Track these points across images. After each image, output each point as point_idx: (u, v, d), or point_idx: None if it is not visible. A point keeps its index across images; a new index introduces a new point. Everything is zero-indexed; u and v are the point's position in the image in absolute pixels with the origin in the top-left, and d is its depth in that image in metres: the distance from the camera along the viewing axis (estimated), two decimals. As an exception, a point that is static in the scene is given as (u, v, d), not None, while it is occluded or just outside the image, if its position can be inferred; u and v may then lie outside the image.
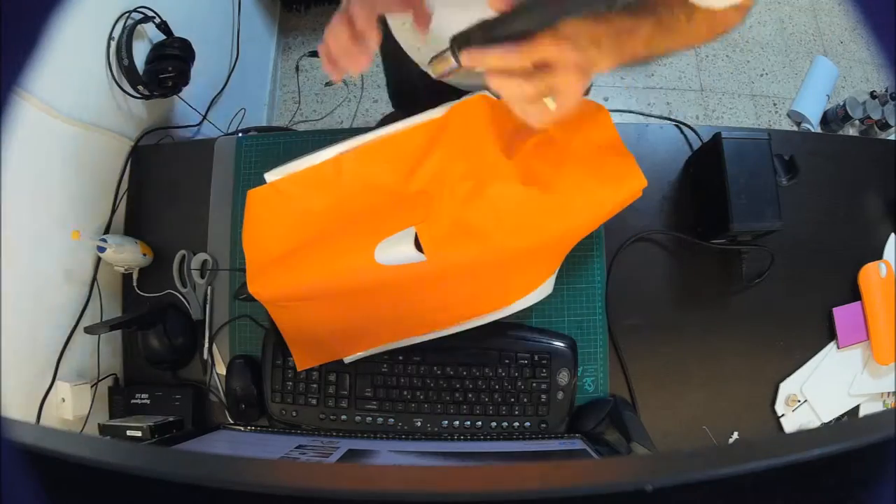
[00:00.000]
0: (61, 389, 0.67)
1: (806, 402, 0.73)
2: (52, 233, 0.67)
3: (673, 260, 0.76)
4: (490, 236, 0.59)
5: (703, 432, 0.72)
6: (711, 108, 1.72)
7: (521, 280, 0.66)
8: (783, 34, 1.85)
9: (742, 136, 0.69)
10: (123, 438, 0.66)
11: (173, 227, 0.77)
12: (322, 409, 0.69)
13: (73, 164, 0.71)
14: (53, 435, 0.19)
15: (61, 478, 0.17)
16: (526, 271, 0.65)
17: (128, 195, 0.79)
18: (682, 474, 0.16)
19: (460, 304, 0.66)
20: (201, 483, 0.16)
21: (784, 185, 0.65)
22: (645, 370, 0.73)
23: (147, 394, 0.72)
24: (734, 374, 0.74)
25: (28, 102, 0.62)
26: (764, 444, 0.17)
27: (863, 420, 0.40)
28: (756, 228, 0.68)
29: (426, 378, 0.69)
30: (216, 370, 0.74)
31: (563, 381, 0.69)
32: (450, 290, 0.63)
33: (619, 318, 0.74)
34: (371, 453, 0.60)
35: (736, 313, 0.75)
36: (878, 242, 0.77)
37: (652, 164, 0.77)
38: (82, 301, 0.72)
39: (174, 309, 0.74)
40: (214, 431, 0.69)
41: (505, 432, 0.68)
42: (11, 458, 0.17)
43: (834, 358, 0.74)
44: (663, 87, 1.77)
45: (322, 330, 0.65)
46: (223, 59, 1.20)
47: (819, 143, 0.82)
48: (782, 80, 1.80)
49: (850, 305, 0.75)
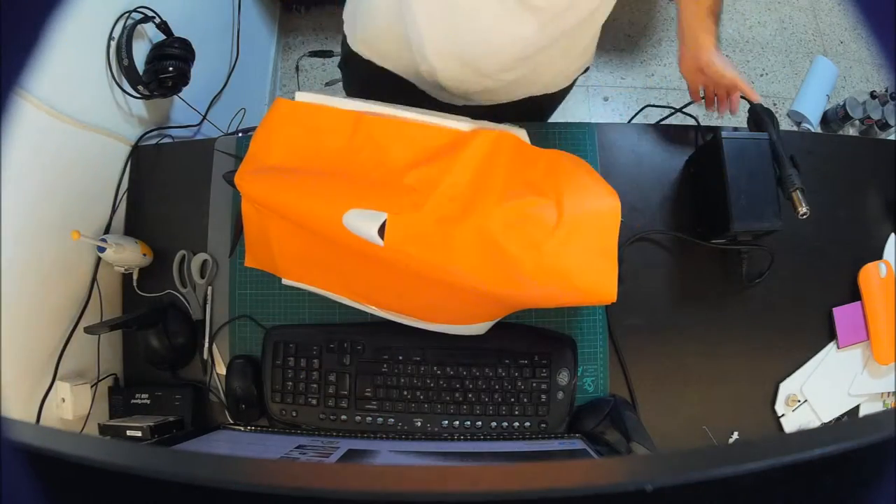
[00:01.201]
0: (61, 389, 0.67)
1: (806, 402, 0.73)
2: (52, 233, 0.67)
3: (673, 260, 0.76)
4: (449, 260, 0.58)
5: (703, 432, 0.72)
6: (711, 108, 1.72)
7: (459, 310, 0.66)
8: (783, 34, 1.85)
9: (742, 136, 0.69)
10: (123, 438, 0.66)
11: (173, 227, 0.77)
12: (322, 409, 0.69)
13: (72, 163, 0.71)
14: (53, 435, 0.19)
15: (61, 478, 0.17)
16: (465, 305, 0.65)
17: (128, 195, 0.79)
18: (682, 474, 0.16)
19: (404, 297, 0.67)
20: (201, 483, 0.16)
21: (798, 186, 0.65)
22: (645, 370, 0.73)
23: (147, 394, 0.72)
24: (734, 374, 0.74)
25: (28, 102, 0.62)
26: (764, 444, 0.17)
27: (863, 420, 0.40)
28: (756, 228, 0.68)
29: (426, 378, 0.69)
30: (216, 370, 0.74)
31: (563, 381, 0.69)
32: (396, 279, 0.64)
33: (619, 318, 0.74)
34: (371, 453, 0.60)
35: (736, 313, 0.75)
36: (878, 242, 0.77)
37: (652, 164, 0.77)
38: (82, 301, 0.72)
39: (174, 309, 0.74)
40: (214, 431, 0.69)
41: (505, 432, 0.68)
42: (11, 458, 0.17)
43: (834, 358, 0.74)
44: (663, 87, 1.77)
45: (278, 245, 0.68)
46: (223, 59, 1.20)
47: (819, 143, 0.82)
48: (782, 80, 1.80)
49: (850, 305, 0.75)
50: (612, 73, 1.77)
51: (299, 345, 0.70)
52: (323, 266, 0.68)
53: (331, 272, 0.69)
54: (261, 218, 0.68)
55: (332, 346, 0.70)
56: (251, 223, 0.69)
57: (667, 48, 1.80)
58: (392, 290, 0.67)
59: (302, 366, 0.70)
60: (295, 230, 0.63)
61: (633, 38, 1.80)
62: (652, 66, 1.78)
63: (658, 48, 1.80)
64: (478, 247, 0.58)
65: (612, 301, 0.58)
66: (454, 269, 0.59)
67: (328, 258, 0.65)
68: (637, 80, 1.77)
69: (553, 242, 0.58)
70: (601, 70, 1.77)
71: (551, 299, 0.62)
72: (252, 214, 0.69)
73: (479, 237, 0.58)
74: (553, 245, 0.58)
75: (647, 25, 1.81)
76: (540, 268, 0.58)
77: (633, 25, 1.81)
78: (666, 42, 1.81)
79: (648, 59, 1.79)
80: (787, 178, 0.66)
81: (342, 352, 0.70)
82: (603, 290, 0.59)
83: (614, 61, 1.78)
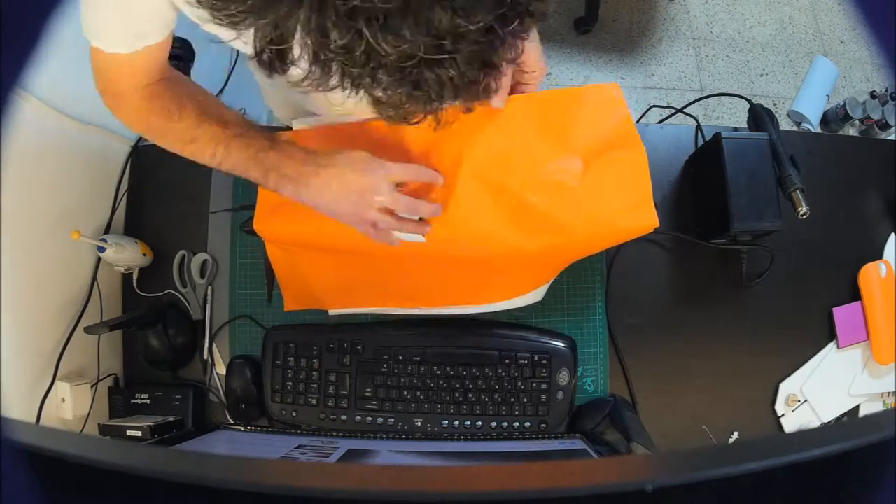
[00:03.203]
0: (61, 389, 0.67)
1: (806, 402, 0.73)
2: (52, 233, 0.67)
3: (673, 260, 0.76)
4: (490, 236, 0.59)
5: (703, 432, 0.72)
6: (711, 108, 1.72)
7: (516, 280, 0.66)
8: (783, 34, 1.85)
9: (742, 136, 0.69)
10: (123, 438, 0.66)
11: (173, 227, 0.77)
12: (322, 409, 0.69)
13: (73, 163, 0.71)
14: (53, 435, 0.19)
15: (61, 478, 0.17)
16: (523, 273, 0.65)
17: (128, 195, 0.79)
18: (682, 474, 0.16)
19: (453, 286, 0.66)
20: (201, 483, 0.16)
21: (798, 186, 0.65)
22: (645, 370, 0.73)
23: (147, 394, 0.72)
24: (734, 374, 0.74)
25: (28, 102, 0.62)
26: (764, 444, 0.17)
27: (863, 420, 0.40)
28: (756, 228, 0.68)
29: (426, 378, 0.69)
30: (216, 370, 0.74)
31: (563, 381, 0.69)
32: (445, 271, 0.64)
33: (619, 318, 0.74)
34: (371, 453, 0.60)
35: (736, 313, 0.75)
36: (878, 242, 0.77)
37: (652, 164, 0.77)
38: (82, 301, 0.71)
39: (174, 309, 0.74)
40: (214, 431, 0.69)
41: (505, 432, 0.68)
42: (11, 458, 0.17)
43: (834, 358, 0.74)
44: (663, 87, 1.77)
45: (315, 279, 0.67)
46: (223, 59, 1.20)
47: (819, 143, 0.82)
48: (782, 80, 1.80)
49: (850, 305, 0.75)
50: (612, 73, 1.77)
51: (299, 345, 0.70)
52: (366, 284, 0.67)
53: (375, 287, 0.68)
54: (289, 257, 0.66)
55: (332, 346, 0.70)
56: (281, 265, 0.68)
57: (667, 48, 1.80)
58: (440, 283, 0.66)
59: (302, 366, 0.70)
60: (328, 258, 0.62)
61: (633, 38, 1.80)
62: (652, 66, 1.78)
63: (658, 48, 1.80)
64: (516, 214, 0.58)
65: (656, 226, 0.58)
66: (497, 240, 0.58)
67: (369, 274, 0.64)
68: (637, 80, 1.77)
69: (584, 190, 0.58)
70: (601, 70, 1.77)
71: (596, 243, 0.62)
72: (280, 257, 0.67)
73: (514, 205, 0.58)
74: (584, 192, 0.58)
75: (647, 25, 1.81)
76: (577, 216, 0.58)
77: (633, 25, 1.81)
78: (666, 42, 1.81)
79: (648, 59, 1.79)
80: (787, 178, 0.66)
81: (342, 352, 0.70)
82: (643, 222, 0.59)
83: (614, 61, 1.78)
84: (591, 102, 0.62)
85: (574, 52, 1.77)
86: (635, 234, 0.60)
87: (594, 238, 0.61)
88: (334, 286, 0.68)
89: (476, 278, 0.65)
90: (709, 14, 1.84)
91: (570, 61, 1.76)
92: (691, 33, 1.82)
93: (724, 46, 1.82)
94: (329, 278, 0.67)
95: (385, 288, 0.68)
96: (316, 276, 0.66)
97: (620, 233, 0.60)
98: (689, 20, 1.83)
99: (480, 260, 0.61)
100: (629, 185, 0.59)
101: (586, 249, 0.64)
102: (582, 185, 0.58)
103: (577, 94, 0.62)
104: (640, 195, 0.59)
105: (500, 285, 0.66)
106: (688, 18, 1.83)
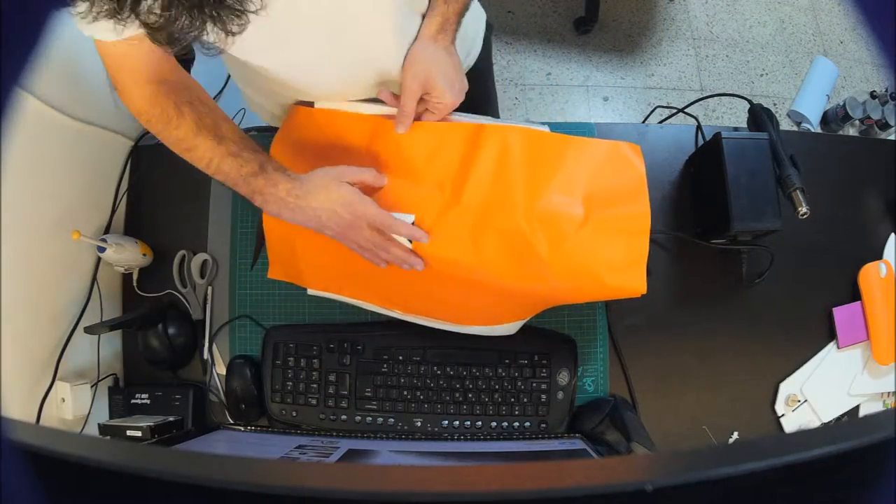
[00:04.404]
0: (61, 389, 0.67)
1: (806, 402, 0.73)
2: (52, 233, 0.67)
3: (673, 260, 0.76)
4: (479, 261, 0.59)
5: (703, 432, 0.72)
6: (711, 108, 1.72)
7: (493, 310, 0.66)
8: (783, 34, 1.85)
9: (742, 136, 0.69)
10: (123, 438, 0.66)
11: (173, 227, 0.77)
12: (322, 409, 0.69)
13: (73, 163, 0.71)
14: (53, 435, 0.19)
15: (61, 478, 0.17)
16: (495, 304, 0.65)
17: (128, 195, 0.79)
18: (682, 474, 0.16)
19: (432, 300, 0.67)
20: (201, 483, 0.16)
21: (798, 185, 0.65)
22: (645, 370, 0.73)
23: (147, 394, 0.72)
24: (734, 374, 0.74)
25: (28, 102, 0.62)
26: (764, 444, 0.17)
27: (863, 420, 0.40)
28: (756, 228, 0.68)
29: (426, 378, 0.69)
30: (216, 370, 0.74)
31: (563, 381, 0.69)
32: (425, 282, 0.64)
33: (619, 318, 0.74)
34: (371, 453, 0.60)
35: (736, 313, 0.75)
36: (878, 242, 0.77)
37: (652, 164, 0.77)
38: (82, 301, 0.72)
39: (174, 309, 0.74)
40: (214, 431, 0.69)
41: (505, 432, 0.68)
42: (11, 458, 0.17)
43: (834, 358, 0.74)
44: (663, 87, 1.77)
45: (303, 254, 0.67)
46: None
47: (819, 143, 0.82)
48: (782, 80, 1.80)
49: (850, 305, 0.75)
50: (612, 73, 1.77)
51: (299, 345, 0.70)
52: (351, 274, 0.67)
53: (359, 280, 0.68)
54: (284, 229, 0.66)
55: (332, 346, 0.70)
56: (274, 235, 0.68)
57: (667, 48, 1.80)
58: (421, 293, 0.66)
59: (302, 366, 0.70)
60: (321, 240, 0.62)
61: (633, 38, 1.80)
62: (652, 66, 1.78)
63: (658, 48, 1.80)
64: (506, 246, 0.58)
65: (643, 293, 0.59)
66: (483, 269, 0.59)
67: (355, 266, 0.64)
68: (637, 80, 1.77)
69: (579, 239, 0.58)
70: (601, 70, 1.77)
71: (580, 295, 0.62)
72: (275, 226, 0.67)
73: (506, 236, 0.58)
74: (579, 241, 0.58)
75: (647, 25, 1.81)
76: (567, 264, 0.58)
77: (633, 25, 1.81)
78: (666, 42, 1.81)
79: (648, 59, 1.79)
80: (786, 177, 0.66)
81: (342, 352, 0.70)
82: (630, 285, 0.59)
83: (614, 61, 1.78)
84: (612, 156, 0.62)
85: (574, 52, 1.77)
86: (620, 294, 0.60)
87: (577, 289, 0.61)
88: (320, 267, 0.68)
89: (455, 297, 0.65)
90: (709, 14, 1.84)
91: (570, 61, 1.76)
92: (691, 33, 1.82)
93: (724, 46, 1.82)
94: (318, 259, 0.67)
95: (366, 283, 0.68)
96: (304, 250, 0.67)
97: (606, 290, 0.60)
98: (689, 20, 1.83)
99: (464, 282, 0.61)
100: (625, 244, 0.59)
101: (567, 298, 0.64)
102: (578, 234, 0.58)
103: (600, 146, 0.63)
104: (635, 256, 0.59)
105: (477, 310, 0.67)
106: (688, 18, 1.83)
